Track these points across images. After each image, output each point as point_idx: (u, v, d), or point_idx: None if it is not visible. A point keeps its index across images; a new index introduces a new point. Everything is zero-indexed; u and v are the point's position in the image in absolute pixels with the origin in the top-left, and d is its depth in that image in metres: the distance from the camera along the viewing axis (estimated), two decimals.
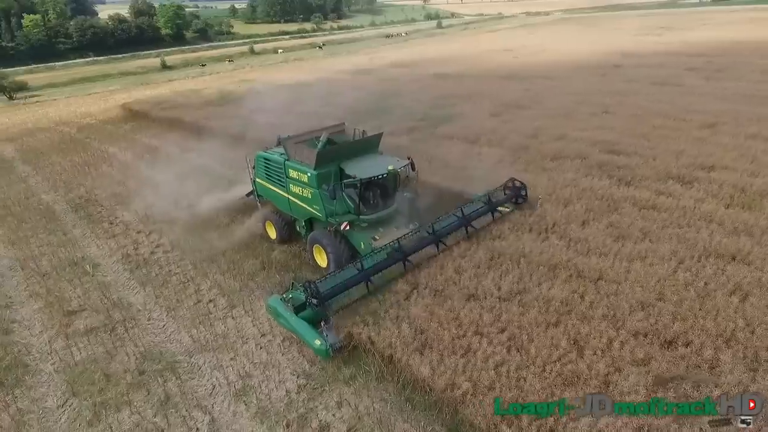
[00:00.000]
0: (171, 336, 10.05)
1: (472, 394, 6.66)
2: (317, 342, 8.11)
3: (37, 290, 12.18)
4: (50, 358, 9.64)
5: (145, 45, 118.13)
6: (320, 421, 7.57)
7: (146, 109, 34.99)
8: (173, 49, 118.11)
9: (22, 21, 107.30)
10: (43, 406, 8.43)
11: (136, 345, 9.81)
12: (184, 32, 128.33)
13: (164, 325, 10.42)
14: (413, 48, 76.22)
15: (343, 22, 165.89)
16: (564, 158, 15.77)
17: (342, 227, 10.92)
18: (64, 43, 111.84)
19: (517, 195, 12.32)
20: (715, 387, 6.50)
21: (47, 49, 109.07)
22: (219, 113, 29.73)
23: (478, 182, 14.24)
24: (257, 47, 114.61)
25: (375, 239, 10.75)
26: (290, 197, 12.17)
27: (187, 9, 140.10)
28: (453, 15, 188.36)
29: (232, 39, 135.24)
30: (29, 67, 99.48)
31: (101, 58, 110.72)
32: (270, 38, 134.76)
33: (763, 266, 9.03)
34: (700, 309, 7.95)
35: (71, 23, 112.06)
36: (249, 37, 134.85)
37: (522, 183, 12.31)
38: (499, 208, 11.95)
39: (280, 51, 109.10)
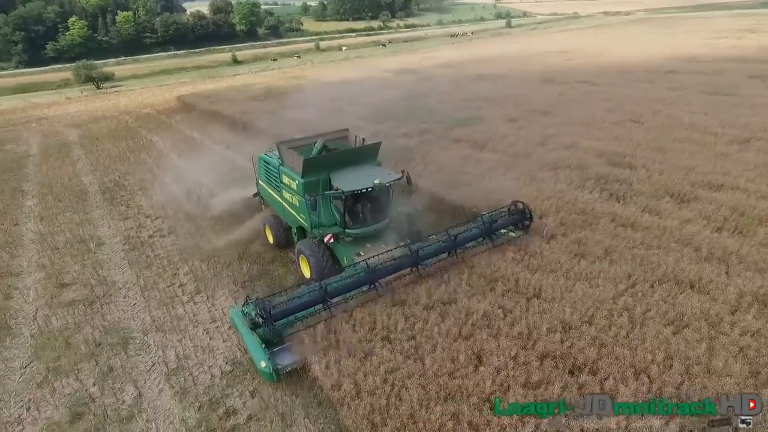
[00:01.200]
0: (136, 314, 10.89)
1: (351, 397, 6.75)
2: (262, 363, 7.65)
3: (44, 263, 13.60)
4: (32, 324, 10.80)
5: (220, 40, 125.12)
6: (228, 407, 7.97)
7: (195, 102, 37.31)
8: (245, 44, 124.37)
9: (116, 17, 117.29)
10: (9, 365, 9.50)
11: (104, 319, 10.75)
12: (257, 29, 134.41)
13: (134, 304, 11.31)
14: (472, 48, 74.97)
15: (411, 21, 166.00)
16: (563, 168, 15.10)
17: (326, 239, 10.54)
18: (150, 37, 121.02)
19: (522, 218, 11.06)
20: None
21: (136, 43, 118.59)
22: (255, 108, 31.11)
23: (464, 188, 14.07)
24: (323, 44, 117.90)
25: (359, 255, 10.12)
26: (284, 203, 11.97)
27: (263, 6, 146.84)
28: (525, 14, 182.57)
29: (301, 36, 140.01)
30: (118, 59, 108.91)
31: (180, 52, 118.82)
32: (337, 35, 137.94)
33: (718, 297, 8.28)
34: (625, 336, 7.48)
35: (157, 19, 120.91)
36: (317, 34, 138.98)
37: (525, 205, 11.01)
38: (504, 231, 10.99)
39: (344, 48, 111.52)
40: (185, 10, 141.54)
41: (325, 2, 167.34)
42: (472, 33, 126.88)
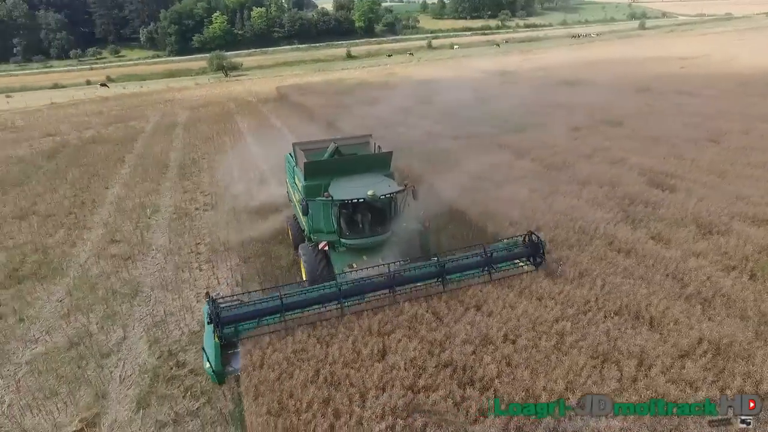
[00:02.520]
0: (152, 272, 12.65)
1: (255, 367, 7.42)
2: (207, 364, 7.47)
3: (109, 221, 16.21)
4: (78, 269, 13.11)
5: (340, 36, 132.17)
6: (180, 360, 9.12)
7: (289, 93, 40.33)
8: (361, 41, 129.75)
9: (251, 13, 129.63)
10: (50, 297, 11.72)
11: (129, 273, 12.67)
12: (375, 25, 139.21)
13: (156, 264, 13.12)
14: (587, 51, 70.38)
15: (532, 20, 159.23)
16: (593, 184, 14.08)
17: (320, 245, 10.29)
18: (278, 32, 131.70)
19: (534, 253, 9.60)
20: None
21: (266, 37, 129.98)
22: (335, 101, 32.90)
23: (475, 194, 13.86)
24: (436, 42, 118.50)
25: (352, 266, 9.64)
26: (296, 203, 11.86)
27: (383, 4, 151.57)
28: (665, 15, 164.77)
29: (417, 33, 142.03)
30: (250, 51, 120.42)
31: (303, 46, 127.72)
32: (452, 34, 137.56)
33: (671, 338, 7.44)
34: (537, 361, 7.16)
35: (285, 15, 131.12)
36: (432, 32, 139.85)
37: (539, 239, 9.53)
38: (518, 262, 9.76)
39: (455, 47, 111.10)
40: (316, 6, 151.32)
41: (445, 0, 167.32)
42: (596, 35, 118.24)
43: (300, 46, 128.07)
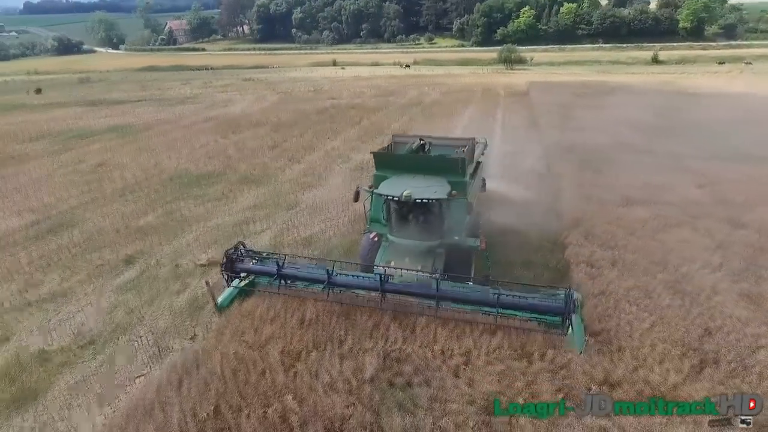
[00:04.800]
0: (313, 198, 17.49)
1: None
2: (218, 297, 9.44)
3: (312, 161, 22.26)
4: (277, 183, 19.20)
5: (656, 37, 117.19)
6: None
7: (531, 88, 40.98)
8: (681, 44, 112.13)
9: (560, 8, 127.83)
10: (252, 194, 17.96)
11: (300, 195, 17.95)
12: (705, 27, 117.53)
13: (320, 195, 18.03)
14: None
15: None
16: (661, 230, 12.09)
17: (371, 235, 10.67)
18: (583, 29, 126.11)
19: (566, 310, 7.69)
20: None
21: (569, 33, 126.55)
22: (562, 101, 32.46)
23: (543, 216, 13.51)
24: None
25: (389, 263, 9.52)
26: None
27: (729, 1, 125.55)
28: None
29: (765, 39, 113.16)
30: (546, 47, 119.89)
31: (607, 45, 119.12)
32: None
33: None
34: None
35: (596, 12, 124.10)
36: None
37: (573, 296, 7.79)
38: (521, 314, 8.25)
39: None
40: (648, 3, 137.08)
41: None
42: None
43: (604, 45, 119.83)
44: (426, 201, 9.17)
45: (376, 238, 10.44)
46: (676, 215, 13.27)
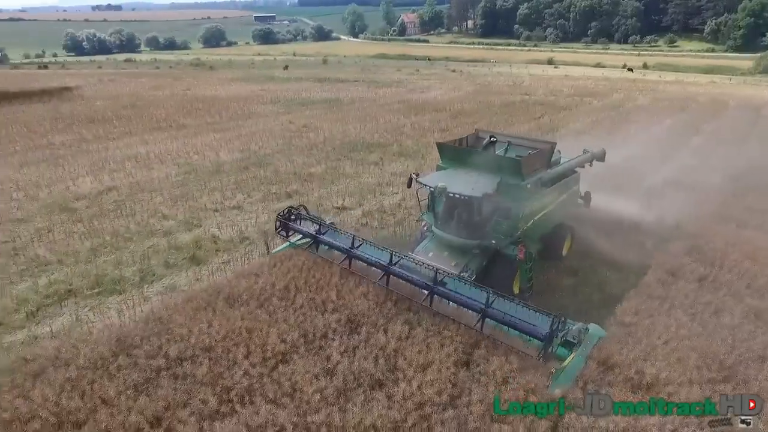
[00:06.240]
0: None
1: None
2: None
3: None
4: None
5: None
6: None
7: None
8: None
9: None
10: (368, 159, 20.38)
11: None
12: None
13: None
14: None
15: None
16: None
17: (423, 225, 10.97)
18: None
19: (546, 337, 6.73)
20: None
21: None
22: None
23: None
24: None
25: (428, 254, 9.71)
26: None
27: None
28: None
29: None
30: None
31: None
32: None
33: None
34: None
35: None
36: None
37: (589, 328, 7.39)
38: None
39: None
40: None
41: None
42: None
43: None
44: (458, 196, 8.99)
45: (426, 228, 10.64)
46: None
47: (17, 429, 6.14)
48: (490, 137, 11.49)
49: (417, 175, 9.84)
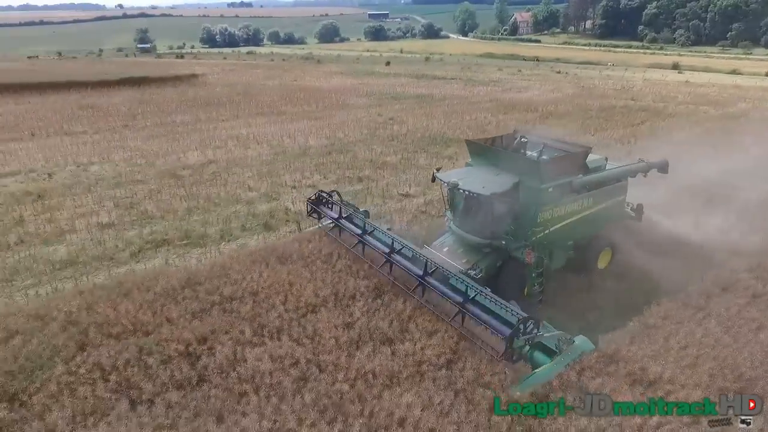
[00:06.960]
0: None
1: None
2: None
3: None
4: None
5: None
6: None
7: None
8: None
9: None
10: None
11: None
12: None
13: None
14: None
15: None
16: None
17: (446, 219, 11.04)
18: None
19: (508, 336, 6.94)
20: None
21: None
22: None
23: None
24: None
25: (443, 248, 10.06)
26: None
27: None
28: None
29: None
30: None
31: None
32: None
33: None
34: None
35: None
36: None
37: (574, 340, 7.25)
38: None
39: None
40: None
41: None
42: None
43: None
44: (468, 193, 9.02)
45: (447, 222, 10.81)
46: None
47: (105, 329, 7.99)
48: (520, 137, 11.26)
49: (438, 170, 10.12)
